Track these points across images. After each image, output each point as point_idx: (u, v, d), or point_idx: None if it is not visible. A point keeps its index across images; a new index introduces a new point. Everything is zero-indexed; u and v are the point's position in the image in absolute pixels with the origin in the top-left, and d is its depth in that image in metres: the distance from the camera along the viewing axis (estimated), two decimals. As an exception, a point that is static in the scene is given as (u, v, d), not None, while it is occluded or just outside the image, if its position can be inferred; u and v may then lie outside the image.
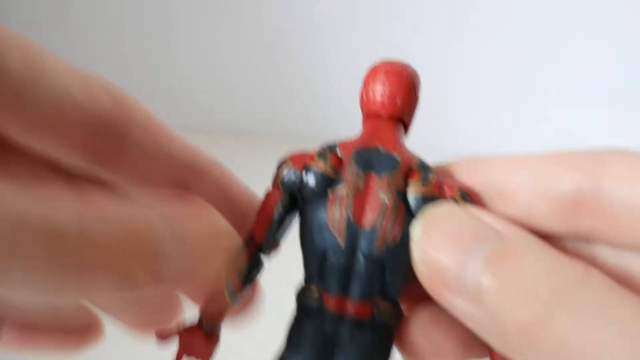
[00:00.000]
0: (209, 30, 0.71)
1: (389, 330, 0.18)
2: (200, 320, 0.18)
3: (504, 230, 0.16)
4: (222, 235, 0.18)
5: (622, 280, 0.16)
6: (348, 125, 0.80)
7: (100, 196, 0.16)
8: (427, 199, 0.17)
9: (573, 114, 0.68)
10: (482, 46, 0.66)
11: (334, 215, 0.17)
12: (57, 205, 0.14)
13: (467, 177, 0.18)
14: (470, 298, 0.15)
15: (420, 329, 0.18)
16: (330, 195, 0.17)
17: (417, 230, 0.16)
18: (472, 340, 0.17)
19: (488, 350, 0.17)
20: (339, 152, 0.18)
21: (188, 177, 0.19)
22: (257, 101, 0.74)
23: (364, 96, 0.20)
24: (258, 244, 0.18)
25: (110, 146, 0.17)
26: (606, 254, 0.17)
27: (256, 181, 0.22)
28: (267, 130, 0.74)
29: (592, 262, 0.17)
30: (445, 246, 0.16)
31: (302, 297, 0.18)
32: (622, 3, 0.61)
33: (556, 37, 0.64)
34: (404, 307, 0.18)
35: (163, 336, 0.18)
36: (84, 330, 0.21)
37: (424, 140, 0.76)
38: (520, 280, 0.14)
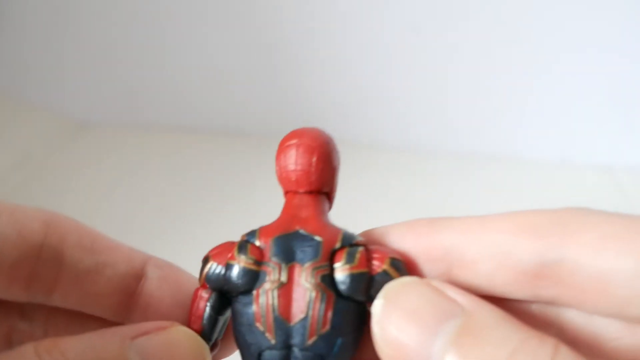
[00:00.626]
0: (209, 31, 0.71)
1: None
2: None
3: (468, 304, 0.15)
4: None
5: (592, 342, 0.16)
6: (347, 125, 0.79)
7: (64, 333, 0.17)
8: (356, 277, 0.17)
9: (573, 113, 0.68)
10: (483, 46, 0.66)
11: (260, 312, 0.17)
12: None
13: (420, 241, 0.17)
14: None
15: None
16: (255, 291, 0.17)
17: (377, 308, 0.16)
18: None
19: None
20: (258, 242, 0.17)
21: (133, 284, 0.19)
22: (257, 101, 0.74)
23: (278, 172, 0.19)
24: None
25: (47, 272, 0.18)
26: (574, 317, 0.16)
27: (256, 181, 0.22)
28: (267, 130, 0.74)
29: (560, 324, 0.16)
30: (407, 325, 0.15)
31: None
32: (624, 4, 0.61)
33: (556, 37, 0.64)
34: None
35: None
36: None
37: (424, 141, 0.76)
38: (486, 359, 0.14)
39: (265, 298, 0.17)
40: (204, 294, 0.18)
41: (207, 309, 0.18)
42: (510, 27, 0.65)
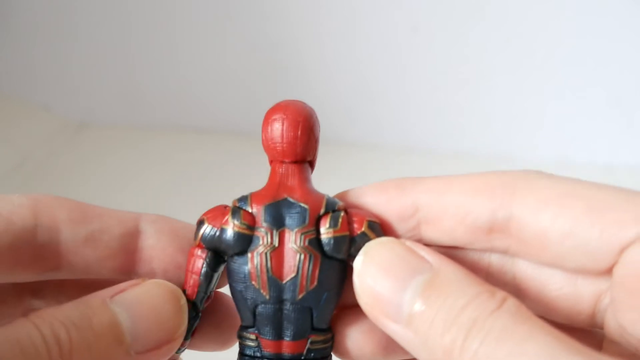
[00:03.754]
0: (210, 31, 0.71)
1: (323, 355, 0.20)
2: None
3: (436, 263, 0.17)
4: (175, 302, 0.19)
5: (540, 290, 0.19)
6: (349, 125, 0.79)
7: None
8: (338, 239, 0.19)
9: (572, 113, 0.68)
10: (482, 46, 0.66)
11: (255, 272, 0.19)
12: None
13: (392, 202, 0.20)
14: (405, 324, 0.17)
15: (346, 334, 0.20)
16: (249, 253, 0.19)
17: (358, 263, 0.18)
18: (391, 344, 0.19)
19: None
20: (251, 208, 0.19)
21: (131, 242, 0.21)
22: (258, 101, 0.74)
23: (264, 143, 0.21)
24: (191, 300, 0.20)
25: (48, 250, 0.19)
26: (526, 268, 0.19)
27: (257, 181, 0.22)
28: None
29: (514, 273, 0.20)
30: (383, 278, 0.18)
31: (242, 343, 0.20)
32: (620, 3, 0.61)
33: (555, 37, 0.64)
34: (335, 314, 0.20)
35: None
36: None
37: (424, 141, 0.76)
38: (446, 308, 0.16)
39: (259, 259, 0.19)
40: (200, 253, 0.20)
41: (204, 266, 0.20)
42: (511, 27, 0.65)
